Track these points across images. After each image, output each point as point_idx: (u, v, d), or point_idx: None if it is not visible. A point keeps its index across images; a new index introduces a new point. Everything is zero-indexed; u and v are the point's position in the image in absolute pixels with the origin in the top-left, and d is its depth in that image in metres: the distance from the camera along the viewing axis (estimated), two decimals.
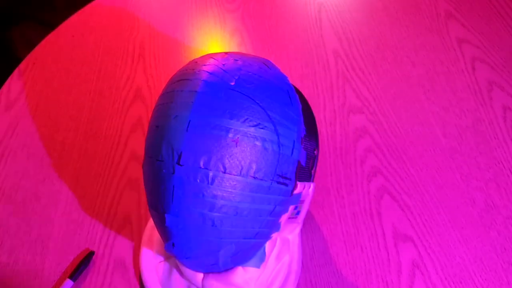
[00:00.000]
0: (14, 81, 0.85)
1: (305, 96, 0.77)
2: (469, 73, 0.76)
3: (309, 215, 0.62)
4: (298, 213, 0.54)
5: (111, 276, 0.59)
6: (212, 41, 0.89)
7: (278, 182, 0.43)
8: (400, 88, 0.76)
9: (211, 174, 0.40)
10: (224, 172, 0.41)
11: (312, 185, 0.53)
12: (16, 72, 0.87)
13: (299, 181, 0.47)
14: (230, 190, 0.41)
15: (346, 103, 0.74)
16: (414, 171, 0.65)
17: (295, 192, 0.46)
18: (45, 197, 0.67)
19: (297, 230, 0.55)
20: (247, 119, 0.41)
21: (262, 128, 0.42)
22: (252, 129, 0.41)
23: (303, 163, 0.47)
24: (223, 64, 0.44)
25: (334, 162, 0.67)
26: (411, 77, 0.77)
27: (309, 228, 0.60)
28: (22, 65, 0.88)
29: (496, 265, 0.55)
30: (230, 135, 0.41)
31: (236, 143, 0.41)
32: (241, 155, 0.41)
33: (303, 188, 0.49)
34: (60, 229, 0.63)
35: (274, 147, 0.42)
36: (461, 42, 0.81)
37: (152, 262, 0.56)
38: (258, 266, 0.50)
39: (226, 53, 0.47)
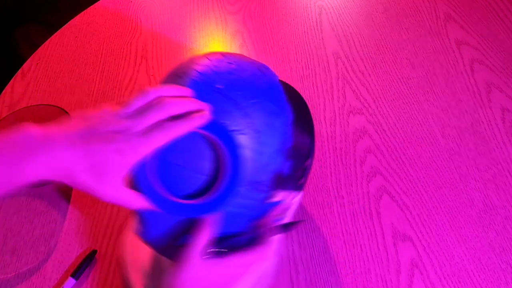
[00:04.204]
0: (17, 82, 0.85)
1: (306, 97, 0.77)
2: (468, 74, 0.77)
3: (309, 214, 0.62)
4: (280, 220, 0.54)
5: (113, 274, 0.59)
6: (214, 43, 0.90)
7: (254, 189, 0.43)
8: (400, 89, 0.76)
9: None
10: None
11: (300, 194, 0.52)
12: (19, 72, 0.87)
13: (283, 190, 0.47)
14: None
15: (346, 104, 0.75)
16: (413, 171, 0.65)
17: (274, 200, 0.46)
18: (48, 196, 0.68)
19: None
20: (226, 123, 0.41)
21: (241, 134, 0.41)
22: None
23: (286, 173, 0.47)
24: (215, 66, 0.44)
25: (334, 162, 0.67)
26: (411, 78, 0.78)
27: (309, 228, 0.61)
28: (25, 66, 0.89)
29: (495, 265, 0.56)
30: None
31: None
32: None
33: (287, 197, 0.48)
34: (62, 228, 0.64)
35: (252, 154, 0.42)
36: (460, 44, 0.82)
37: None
38: None
39: (223, 54, 0.47)
